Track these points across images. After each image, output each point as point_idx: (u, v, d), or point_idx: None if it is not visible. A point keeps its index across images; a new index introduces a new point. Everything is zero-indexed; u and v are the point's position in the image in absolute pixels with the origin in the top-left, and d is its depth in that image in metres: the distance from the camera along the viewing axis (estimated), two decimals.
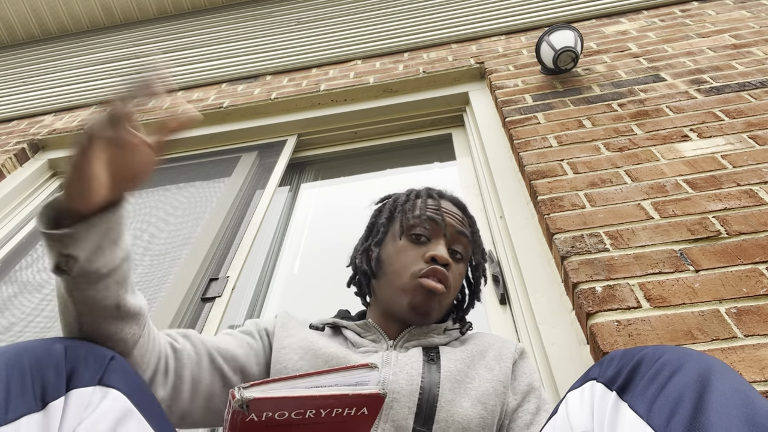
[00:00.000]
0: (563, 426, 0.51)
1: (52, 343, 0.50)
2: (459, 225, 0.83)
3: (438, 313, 0.79)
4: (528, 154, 1.38)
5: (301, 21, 2.53)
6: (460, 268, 0.82)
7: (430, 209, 0.82)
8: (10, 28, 2.89)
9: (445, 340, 0.79)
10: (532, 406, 0.71)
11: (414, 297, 0.75)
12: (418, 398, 0.65)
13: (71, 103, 2.35)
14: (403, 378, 0.67)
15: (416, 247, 0.79)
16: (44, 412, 0.44)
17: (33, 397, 0.44)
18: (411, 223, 0.81)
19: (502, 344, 0.78)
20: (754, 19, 1.84)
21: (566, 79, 1.69)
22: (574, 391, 0.53)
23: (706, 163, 1.20)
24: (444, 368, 0.69)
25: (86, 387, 0.48)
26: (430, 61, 2.03)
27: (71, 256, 0.51)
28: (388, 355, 0.72)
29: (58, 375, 0.47)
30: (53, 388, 0.46)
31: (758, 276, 0.90)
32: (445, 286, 0.76)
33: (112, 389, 0.50)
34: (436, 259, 0.77)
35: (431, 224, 0.80)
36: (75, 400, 0.47)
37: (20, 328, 1.33)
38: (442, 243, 0.79)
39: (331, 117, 1.96)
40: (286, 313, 0.83)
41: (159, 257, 1.49)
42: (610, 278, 0.97)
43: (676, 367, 0.43)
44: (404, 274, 0.77)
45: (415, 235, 0.80)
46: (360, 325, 0.79)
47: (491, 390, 0.69)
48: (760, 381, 0.75)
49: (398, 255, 0.80)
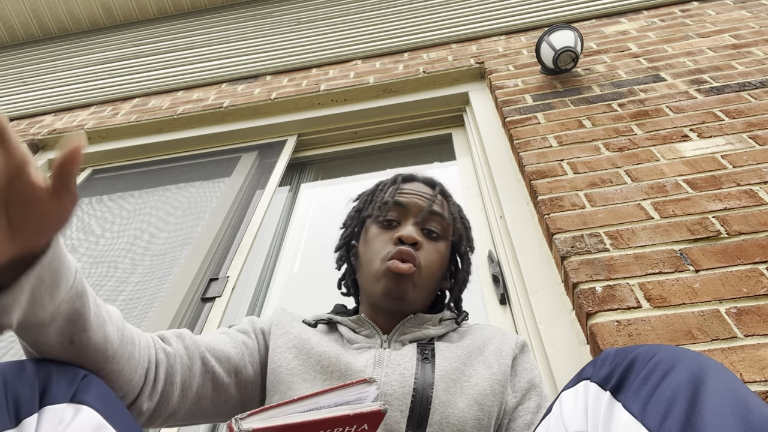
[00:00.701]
0: (557, 426, 0.51)
1: (24, 363, 0.50)
2: (427, 203, 0.81)
3: (416, 295, 0.76)
4: (528, 154, 1.38)
5: (301, 21, 2.53)
6: (437, 247, 0.80)
7: (393, 193, 0.81)
8: (10, 28, 2.89)
9: (441, 331, 0.77)
10: (533, 404, 0.70)
11: (385, 282, 0.74)
12: (410, 401, 0.63)
13: (71, 103, 2.35)
14: (395, 379, 0.65)
15: (385, 232, 0.79)
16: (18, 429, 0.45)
17: (7, 415, 0.45)
18: (378, 211, 0.81)
19: (501, 338, 0.76)
20: (754, 19, 1.84)
21: (566, 79, 1.69)
22: (568, 391, 0.52)
23: (706, 163, 1.20)
24: (439, 367, 0.68)
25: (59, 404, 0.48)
26: (430, 61, 2.03)
27: (3, 326, 0.45)
28: (381, 353, 0.70)
29: (32, 392, 0.48)
30: (27, 405, 0.46)
31: (758, 276, 0.90)
32: (414, 264, 0.74)
33: (84, 406, 0.50)
34: (402, 239, 0.75)
35: (398, 207, 0.80)
36: (48, 416, 0.47)
37: None
38: (410, 223, 0.78)
39: (331, 117, 1.96)
40: (283, 309, 0.82)
41: (159, 257, 1.49)
42: (610, 278, 0.97)
43: (670, 367, 0.43)
44: (375, 261, 0.76)
45: (386, 221, 0.80)
46: (353, 320, 0.78)
47: (489, 390, 0.67)
48: (760, 381, 0.75)
49: (370, 243, 0.79)
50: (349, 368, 0.67)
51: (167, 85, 2.32)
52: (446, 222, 0.82)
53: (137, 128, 2.09)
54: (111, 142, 2.10)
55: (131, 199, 1.83)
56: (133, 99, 2.32)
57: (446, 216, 0.82)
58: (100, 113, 2.23)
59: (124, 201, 1.83)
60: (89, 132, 2.10)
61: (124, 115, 2.15)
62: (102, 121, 2.14)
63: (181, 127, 2.08)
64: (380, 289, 0.74)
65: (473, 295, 1.27)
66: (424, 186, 0.85)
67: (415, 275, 0.75)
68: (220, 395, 0.70)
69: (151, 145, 2.05)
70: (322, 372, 0.68)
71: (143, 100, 2.29)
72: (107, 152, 2.07)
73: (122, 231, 1.66)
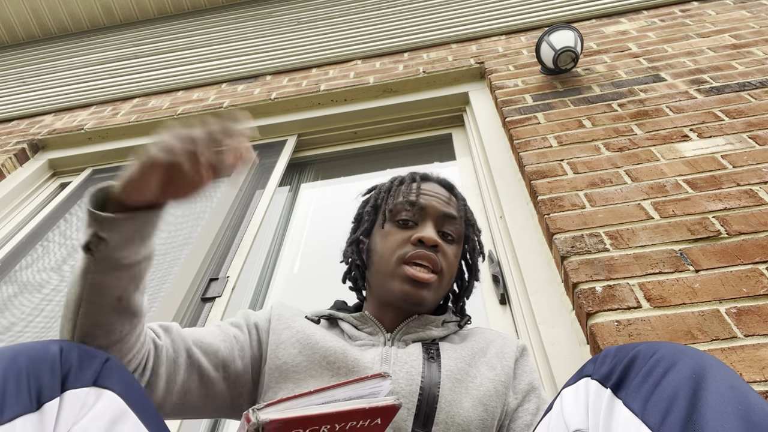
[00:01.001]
0: (558, 423, 0.51)
1: (48, 345, 0.50)
2: (445, 206, 0.80)
3: (433, 300, 0.76)
4: (528, 154, 1.38)
5: (301, 21, 2.53)
6: (453, 250, 0.80)
7: (413, 193, 0.80)
8: (10, 28, 2.89)
9: (443, 333, 0.77)
10: (533, 406, 0.70)
11: (403, 285, 0.73)
12: (417, 399, 0.64)
13: (71, 103, 2.35)
14: (402, 377, 0.65)
15: (402, 232, 0.77)
16: (39, 412, 0.45)
17: (29, 398, 0.45)
18: (395, 209, 0.79)
19: (503, 341, 0.77)
20: (754, 19, 1.84)
21: (566, 79, 1.69)
22: (569, 388, 0.53)
23: (706, 163, 1.20)
24: (444, 367, 0.68)
25: (81, 388, 0.49)
26: (430, 61, 2.03)
27: (103, 239, 0.54)
28: (387, 351, 0.70)
29: (53, 376, 0.48)
30: (48, 389, 0.46)
31: (758, 276, 0.90)
32: (435, 271, 0.74)
33: (106, 390, 0.50)
34: (423, 241, 0.75)
35: (415, 208, 0.79)
36: (70, 400, 0.47)
37: (20, 328, 1.33)
38: (430, 225, 0.77)
39: (331, 117, 1.96)
40: (282, 303, 0.81)
41: (159, 257, 1.49)
42: (610, 278, 0.97)
43: (671, 364, 0.43)
44: (391, 259, 0.75)
45: (402, 220, 0.79)
46: (356, 317, 0.78)
47: (493, 391, 0.67)
48: (760, 381, 0.75)
49: (385, 241, 0.78)
50: (356, 364, 0.67)
51: (167, 85, 2.32)
52: (461, 227, 0.82)
53: (137, 128, 2.09)
54: (111, 142, 2.10)
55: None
56: (133, 99, 2.32)
57: (462, 221, 0.82)
58: (100, 113, 2.23)
59: None
60: (89, 132, 2.10)
61: (124, 115, 2.15)
62: (102, 121, 2.14)
63: None
64: (397, 290, 0.74)
65: (473, 295, 1.27)
66: (440, 187, 0.84)
67: (434, 283, 0.75)
68: (208, 389, 0.69)
69: None
70: (329, 368, 0.67)
71: (143, 100, 2.29)
72: (107, 152, 2.07)
73: None
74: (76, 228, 1.73)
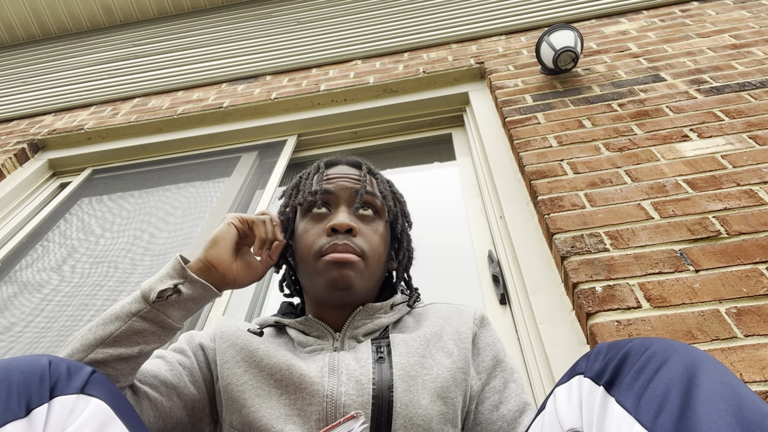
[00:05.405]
0: (552, 422, 0.51)
1: (38, 359, 0.52)
2: (356, 184, 0.76)
3: (364, 282, 0.72)
4: (528, 154, 1.38)
5: (301, 21, 2.53)
6: (375, 228, 0.76)
7: (319, 182, 0.76)
8: (10, 28, 2.89)
9: (394, 317, 0.74)
10: (499, 382, 0.68)
11: (327, 274, 0.69)
12: (371, 409, 0.60)
13: (71, 103, 2.35)
14: (352, 388, 0.62)
15: (317, 224, 0.74)
16: (28, 418, 0.46)
17: (18, 405, 0.46)
18: (305, 203, 0.76)
19: (459, 317, 0.73)
20: (754, 19, 1.84)
21: (566, 79, 1.69)
22: (562, 386, 0.52)
23: (706, 163, 1.20)
24: (396, 365, 0.64)
25: (69, 395, 0.50)
26: (430, 61, 2.03)
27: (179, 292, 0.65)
28: (334, 358, 0.66)
29: (42, 384, 0.49)
30: (37, 396, 0.48)
31: (758, 276, 0.90)
32: (355, 253, 0.70)
33: (94, 398, 0.51)
34: (335, 228, 0.71)
35: (325, 195, 0.75)
36: (58, 406, 0.48)
37: (20, 328, 1.33)
38: (342, 209, 0.74)
39: (331, 117, 1.96)
40: (225, 318, 0.79)
41: (159, 257, 1.49)
42: (610, 278, 0.97)
43: (663, 360, 0.43)
44: (311, 255, 0.72)
45: (316, 213, 0.75)
46: (301, 322, 0.74)
47: (450, 381, 0.65)
48: (760, 381, 0.75)
49: (302, 239, 0.75)
50: (302, 380, 0.64)
51: (167, 85, 2.32)
52: (379, 201, 0.77)
53: (137, 128, 2.09)
54: (111, 142, 2.10)
55: (131, 199, 1.83)
56: (133, 99, 2.32)
57: (377, 195, 0.78)
58: (100, 113, 2.23)
59: (124, 201, 1.83)
60: (89, 132, 2.10)
61: (124, 115, 2.15)
62: (102, 121, 2.14)
63: (181, 127, 2.08)
64: (323, 282, 0.70)
65: (473, 295, 1.27)
66: (350, 168, 0.80)
67: (359, 264, 0.70)
68: (165, 420, 0.67)
69: (151, 145, 2.05)
70: (276, 386, 0.65)
71: (143, 100, 2.29)
72: (107, 152, 2.07)
73: (122, 231, 1.66)
74: (76, 228, 1.73)
